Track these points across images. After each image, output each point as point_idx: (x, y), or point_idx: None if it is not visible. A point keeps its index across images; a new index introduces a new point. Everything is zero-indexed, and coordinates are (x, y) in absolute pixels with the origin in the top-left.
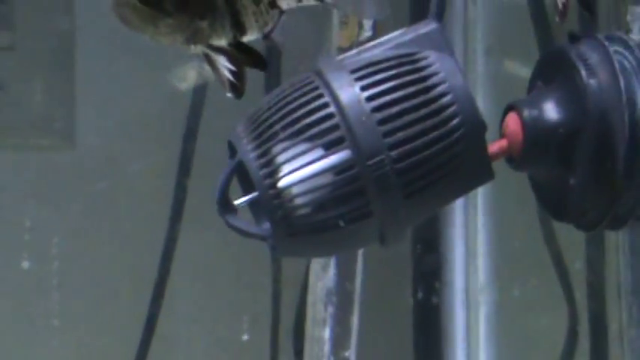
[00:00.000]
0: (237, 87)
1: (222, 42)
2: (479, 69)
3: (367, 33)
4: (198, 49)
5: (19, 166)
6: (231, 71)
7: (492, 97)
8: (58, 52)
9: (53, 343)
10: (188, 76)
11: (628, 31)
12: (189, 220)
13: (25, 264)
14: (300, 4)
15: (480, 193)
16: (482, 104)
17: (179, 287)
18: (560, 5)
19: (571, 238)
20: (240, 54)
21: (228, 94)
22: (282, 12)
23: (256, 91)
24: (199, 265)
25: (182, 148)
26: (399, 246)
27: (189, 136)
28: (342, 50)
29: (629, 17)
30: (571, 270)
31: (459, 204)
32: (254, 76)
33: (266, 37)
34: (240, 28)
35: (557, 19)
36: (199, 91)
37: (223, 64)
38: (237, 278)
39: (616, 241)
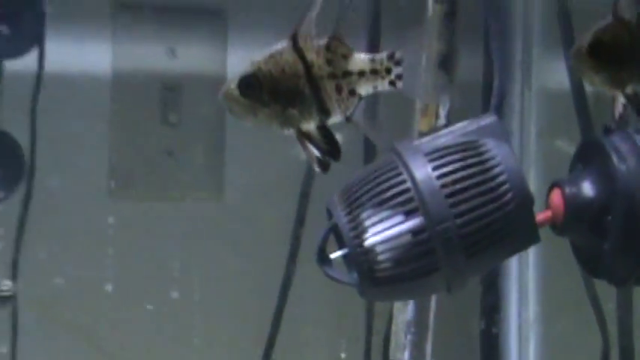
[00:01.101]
0: (324, 163)
1: (310, 125)
2: (532, 148)
3: (442, 121)
4: (288, 130)
5: (179, 214)
6: (318, 149)
7: (543, 172)
8: (212, 128)
9: (193, 357)
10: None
11: None
12: (302, 261)
13: (175, 294)
14: (375, 90)
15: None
16: (535, 179)
17: (294, 314)
18: (617, 115)
19: (605, 283)
20: (322, 141)
21: (316, 168)
22: (360, 98)
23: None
24: (309, 298)
25: (298, 205)
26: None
27: (304, 196)
28: (422, 134)
29: None
30: (605, 309)
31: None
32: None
33: (348, 119)
34: (325, 112)
35: (617, 119)
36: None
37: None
38: (339, 310)
39: None
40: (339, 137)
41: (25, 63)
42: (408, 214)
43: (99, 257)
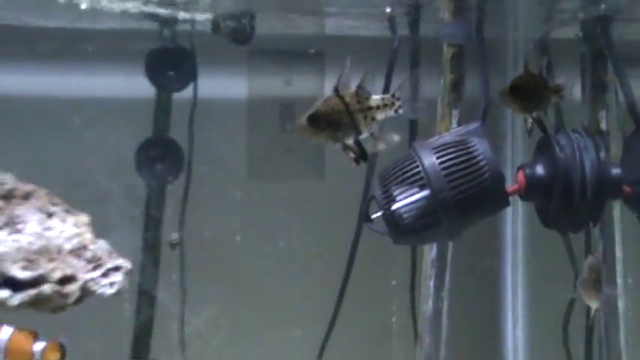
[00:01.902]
0: (358, 161)
1: (349, 140)
2: (519, 143)
3: (454, 125)
4: (338, 145)
5: (293, 192)
6: (355, 154)
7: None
8: None
9: (295, 345)
10: (372, 146)
11: (599, 123)
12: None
13: (282, 243)
14: (389, 115)
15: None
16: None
17: (360, 260)
18: (528, 128)
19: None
20: (357, 150)
21: (354, 164)
22: (378, 122)
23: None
24: (369, 252)
25: (365, 185)
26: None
27: (368, 179)
28: (441, 133)
29: (599, 115)
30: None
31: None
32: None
33: (372, 135)
34: (358, 132)
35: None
36: (372, 157)
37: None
38: (392, 254)
39: None
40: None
41: (186, 94)
42: (420, 187)
43: (236, 218)
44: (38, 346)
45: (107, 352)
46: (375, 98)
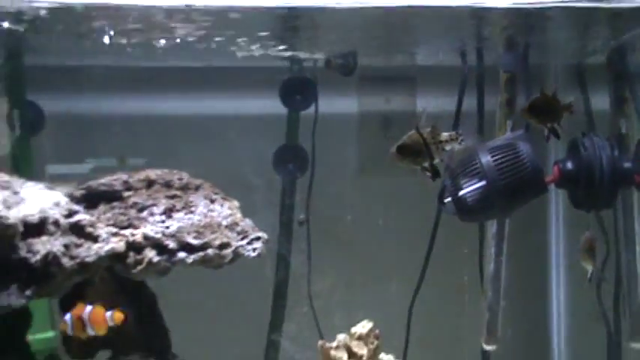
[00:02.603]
0: (433, 178)
1: (426, 164)
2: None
3: (508, 133)
4: (419, 167)
5: (395, 185)
6: (431, 173)
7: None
8: None
9: (392, 298)
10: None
11: (620, 128)
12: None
13: (380, 221)
14: (455, 146)
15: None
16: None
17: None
18: (545, 135)
19: None
20: (431, 170)
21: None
22: (446, 150)
23: None
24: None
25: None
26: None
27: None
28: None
29: (620, 122)
30: None
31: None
32: None
33: (441, 160)
34: (431, 158)
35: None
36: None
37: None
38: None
39: None
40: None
41: (309, 111)
42: (479, 179)
43: (348, 204)
44: (108, 314)
45: (256, 299)
46: (444, 134)
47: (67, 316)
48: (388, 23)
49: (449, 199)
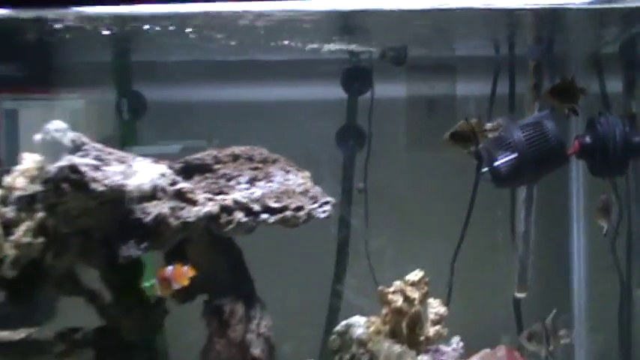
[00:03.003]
0: (478, 160)
1: (472, 148)
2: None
3: (536, 113)
4: (466, 150)
5: (435, 160)
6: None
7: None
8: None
9: (438, 254)
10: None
11: (632, 109)
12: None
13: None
14: (495, 134)
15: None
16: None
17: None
18: (565, 114)
19: None
20: (477, 153)
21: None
22: (489, 138)
23: None
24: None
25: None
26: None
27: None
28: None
29: (632, 103)
30: None
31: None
32: None
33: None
34: (477, 144)
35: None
36: None
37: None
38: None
39: None
40: None
41: (366, 96)
42: (511, 152)
43: (399, 174)
44: (185, 268)
45: (323, 255)
46: (488, 125)
47: (154, 280)
48: (433, 23)
49: (485, 169)
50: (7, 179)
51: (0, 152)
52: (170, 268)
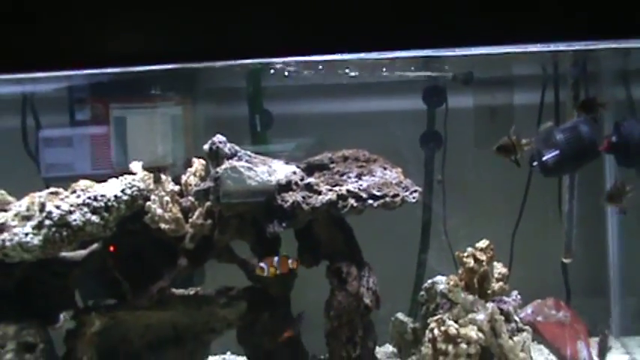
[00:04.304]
0: (518, 165)
1: (513, 158)
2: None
3: (575, 119)
4: (510, 159)
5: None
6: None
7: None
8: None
9: (501, 230)
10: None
11: None
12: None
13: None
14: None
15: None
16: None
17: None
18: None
19: None
20: (517, 162)
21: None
22: (526, 149)
23: None
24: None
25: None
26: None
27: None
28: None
29: None
30: None
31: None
32: None
33: (521, 156)
34: (516, 154)
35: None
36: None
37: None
38: (546, 183)
39: None
40: None
41: (442, 108)
42: (555, 149)
43: (469, 166)
44: (290, 260)
45: (411, 232)
46: (524, 140)
47: (263, 264)
48: (492, 57)
49: (536, 162)
50: (183, 178)
51: (111, 155)
52: (276, 257)
